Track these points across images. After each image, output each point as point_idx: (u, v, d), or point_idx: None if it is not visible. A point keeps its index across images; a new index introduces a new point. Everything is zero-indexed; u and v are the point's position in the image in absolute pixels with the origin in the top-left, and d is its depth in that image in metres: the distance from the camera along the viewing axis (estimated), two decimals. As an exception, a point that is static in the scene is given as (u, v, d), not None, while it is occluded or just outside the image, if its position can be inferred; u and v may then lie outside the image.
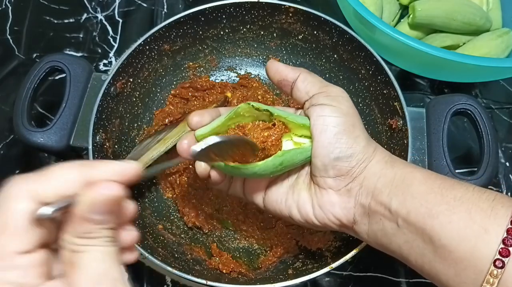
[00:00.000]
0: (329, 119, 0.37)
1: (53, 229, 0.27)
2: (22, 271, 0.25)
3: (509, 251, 0.30)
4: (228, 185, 0.44)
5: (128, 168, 0.29)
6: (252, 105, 0.37)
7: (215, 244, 0.56)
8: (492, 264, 0.30)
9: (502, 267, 0.30)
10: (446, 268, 0.32)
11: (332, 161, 0.37)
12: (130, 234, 0.31)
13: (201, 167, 0.39)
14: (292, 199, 0.40)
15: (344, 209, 0.38)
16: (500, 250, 0.30)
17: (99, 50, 0.71)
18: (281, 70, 0.40)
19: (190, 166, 0.56)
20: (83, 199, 0.26)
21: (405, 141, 0.51)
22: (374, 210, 0.36)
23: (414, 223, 0.34)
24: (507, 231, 0.30)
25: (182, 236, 0.57)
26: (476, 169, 0.51)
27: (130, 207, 0.31)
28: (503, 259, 0.30)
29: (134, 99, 0.59)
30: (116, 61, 0.69)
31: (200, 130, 0.39)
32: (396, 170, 0.37)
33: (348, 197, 0.38)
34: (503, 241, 0.30)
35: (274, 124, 0.38)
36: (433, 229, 0.32)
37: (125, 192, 0.27)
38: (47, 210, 0.25)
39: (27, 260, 0.25)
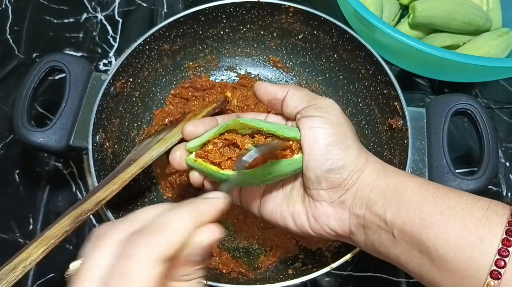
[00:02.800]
0: (320, 131, 0.37)
1: None
2: None
3: (504, 262, 0.30)
4: None
5: (223, 205, 0.31)
6: (242, 122, 0.37)
7: (216, 243, 0.55)
8: (489, 275, 0.30)
9: (498, 279, 0.30)
10: (444, 277, 0.32)
11: (324, 172, 0.36)
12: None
13: (195, 176, 0.41)
14: (287, 210, 0.40)
15: (339, 220, 0.38)
16: (496, 261, 0.30)
17: (99, 50, 0.71)
18: (270, 90, 0.41)
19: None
20: (192, 245, 0.28)
21: (405, 141, 0.51)
22: (369, 221, 0.36)
23: (410, 234, 0.33)
24: (502, 241, 0.30)
25: (182, 236, 0.56)
26: (476, 169, 0.51)
27: None
28: (499, 270, 0.30)
29: (134, 99, 0.59)
30: (116, 61, 0.69)
31: (191, 143, 0.39)
32: (389, 180, 0.36)
33: (342, 208, 0.37)
34: (499, 252, 0.30)
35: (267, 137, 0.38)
36: (429, 240, 0.32)
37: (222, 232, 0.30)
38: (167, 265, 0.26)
39: None
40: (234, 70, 0.66)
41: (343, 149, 0.37)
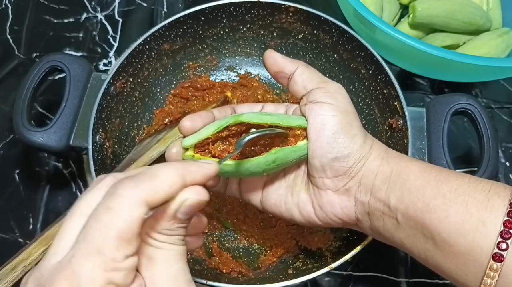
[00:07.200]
0: (327, 118, 0.36)
1: None
2: (126, 272, 0.26)
3: (507, 244, 0.30)
4: (225, 186, 0.42)
5: (212, 170, 0.31)
6: (243, 121, 0.36)
7: (216, 243, 0.56)
8: (492, 258, 0.30)
9: (501, 261, 0.30)
10: (448, 261, 0.32)
11: (330, 161, 0.36)
12: (201, 221, 0.35)
13: None
14: (291, 201, 0.39)
15: (345, 208, 0.38)
16: (498, 243, 0.30)
17: (99, 50, 0.71)
18: (279, 61, 0.39)
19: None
20: (177, 200, 0.29)
21: (405, 141, 0.51)
22: (373, 207, 0.36)
23: (413, 218, 0.34)
24: (504, 223, 0.30)
25: (182, 235, 0.56)
26: (476, 169, 0.51)
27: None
28: (502, 252, 0.30)
29: (134, 99, 0.59)
30: (116, 60, 0.69)
31: (187, 141, 0.37)
32: (392, 165, 0.36)
33: (347, 196, 0.37)
34: (501, 234, 0.30)
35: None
36: (432, 224, 0.33)
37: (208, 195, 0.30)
38: (150, 213, 0.27)
39: (131, 262, 0.26)
40: (234, 70, 0.66)
41: (349, 137, 0.36)
